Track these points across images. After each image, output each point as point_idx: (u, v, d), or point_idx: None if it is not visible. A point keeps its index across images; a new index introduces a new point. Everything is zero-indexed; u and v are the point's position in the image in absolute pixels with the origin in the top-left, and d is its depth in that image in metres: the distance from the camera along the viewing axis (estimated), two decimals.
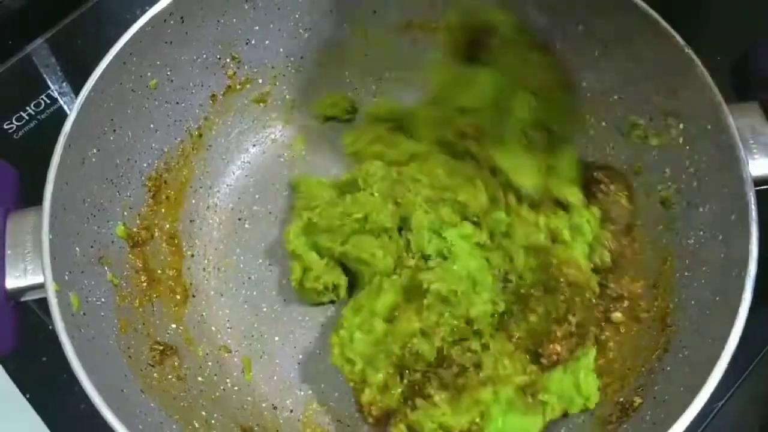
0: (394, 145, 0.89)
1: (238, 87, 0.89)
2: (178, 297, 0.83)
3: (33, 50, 1.04)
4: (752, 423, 0.82)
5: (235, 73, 0.88)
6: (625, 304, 0.80)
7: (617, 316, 0.79)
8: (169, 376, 0.75)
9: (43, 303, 0.65)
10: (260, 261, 0.88)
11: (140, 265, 0.80)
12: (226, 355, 0.83)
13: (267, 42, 0.88)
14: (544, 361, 0.75)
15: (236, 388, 0.80)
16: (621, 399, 0.74)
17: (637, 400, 0.71)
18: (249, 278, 0.87)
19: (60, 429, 0.83)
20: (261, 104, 0.93)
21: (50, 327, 0.63)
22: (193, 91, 0.85)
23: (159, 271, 0.82)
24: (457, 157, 0.87)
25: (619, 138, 0.84)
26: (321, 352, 0.83)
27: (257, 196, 0.92)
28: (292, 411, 0.80)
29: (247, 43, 0.87)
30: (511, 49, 0.84)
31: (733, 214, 0.68)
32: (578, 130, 0.86)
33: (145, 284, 0.79)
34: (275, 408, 0.79)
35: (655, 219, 0.81)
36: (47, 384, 0.84)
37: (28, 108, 1.00)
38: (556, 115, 0.85)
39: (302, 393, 0.81)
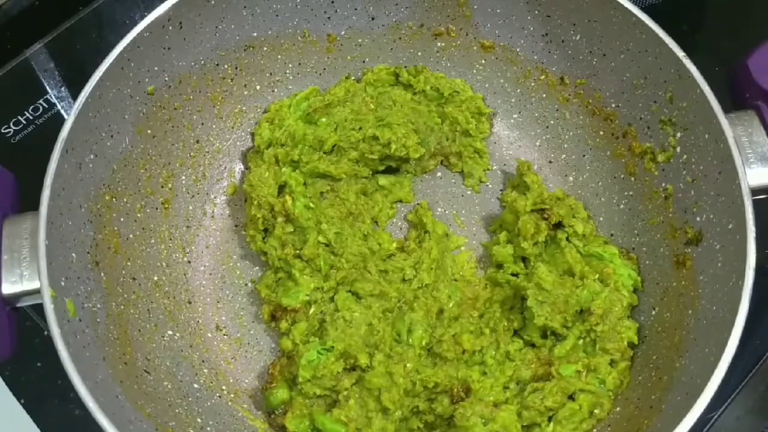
0: None
1: (236, 93, 0.89)
2: (174, 303, 0.83)
3: (31, 55, 1.04)
4: None
5: (233, 79, 0.88)
6: None
7: None
8: (165, 383, 0.75)
9: (39, 307, 0.64)
10: (257, 268, 0.87)
11: (136, 272, 0.80)
12: (222, 362, 0.82)
13: (264, 48, 0.88)
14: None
15: (232, 395, 0.80)
16: (618, 408, 0.74)
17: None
18: (245, 285, 0.87)
19: None
20: (259, 110, 0.93)
21: (45, 332, 0.63)
22: (191, 97, 0.85)
23: (155, 278, 0.82)
24: None
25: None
26: None
27: None
28: None
29: (245, 49, 0.87)
30: None
31: (731, 224, 0.68)
32: None
33: (141, 290, 0.79)
34: (271, 415, 0.79)
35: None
36: (42, 389, 0.83)
37: (26, 112, 0.99)
38: None
39: None
